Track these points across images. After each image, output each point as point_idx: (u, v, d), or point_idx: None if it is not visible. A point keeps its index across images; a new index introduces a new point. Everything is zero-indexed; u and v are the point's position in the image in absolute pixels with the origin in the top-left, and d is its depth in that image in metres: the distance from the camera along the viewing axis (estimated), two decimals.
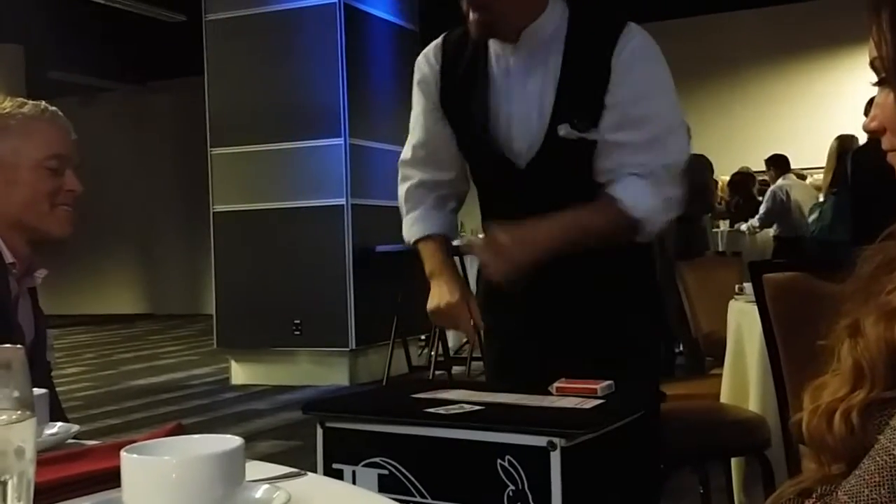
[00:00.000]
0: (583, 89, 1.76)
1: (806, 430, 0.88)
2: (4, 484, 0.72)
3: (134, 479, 0.77)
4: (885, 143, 0.90)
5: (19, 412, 0.74)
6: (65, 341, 10.58)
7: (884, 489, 0.75)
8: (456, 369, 6.19)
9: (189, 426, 4.89)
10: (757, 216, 7.93)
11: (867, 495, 0.76)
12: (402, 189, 2.02)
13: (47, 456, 0.98)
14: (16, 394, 0.74)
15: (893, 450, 0.75)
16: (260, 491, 0.84)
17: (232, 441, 0.81)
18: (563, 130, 1.75)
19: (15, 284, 1.65)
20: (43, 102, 1.74)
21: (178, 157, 13.88)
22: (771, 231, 7.75)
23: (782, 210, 7.56)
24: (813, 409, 0.87)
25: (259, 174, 6.90)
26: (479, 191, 2.00)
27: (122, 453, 0.78)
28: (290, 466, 1.03)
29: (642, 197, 1.74)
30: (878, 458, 0.76)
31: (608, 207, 1.75)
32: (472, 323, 1.87)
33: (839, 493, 0.79)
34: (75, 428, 1.20)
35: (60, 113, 1.75)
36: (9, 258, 1.63)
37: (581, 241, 1.74)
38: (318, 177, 6.73)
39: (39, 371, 1.17)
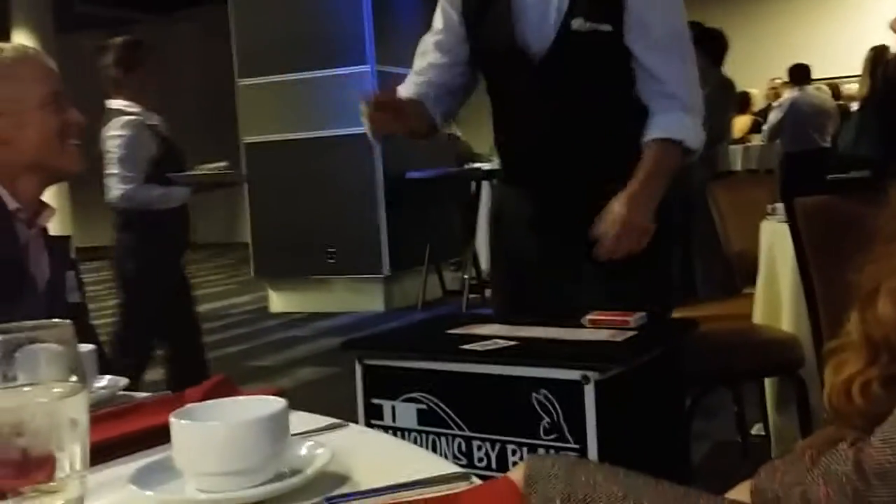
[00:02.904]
0: None
1: (828, 403, 0.89)
2: (61, 453, 0.75)
3: (183, 444, 0.81)
4: None
5: (71, 384, 0.77)
6: (107, 273, 10.75)
7: None
8: (489, 292, 6.23)
9: (232, 354, 4.99)
10: (765, 127, 7.76)
11: None
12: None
13: (99, 413, 1.02)
14: (67, 366, 0.77)
15: None
16: (304, 448, 0.88)
17: (276, 403, 0.84)
18: (577, 23, 1.79)
19: (24, 229, 1.65)
20: (20, 43, 1.74)
21: (204, 88, 13.84)
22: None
23: (794, 122, 7.39)
24: (832, 383, 0.88)
25: (287, 104, 6.88)
26: (493, 102, 2.02)
27: (171, 419, 0.82)
28: (330, 394, 1.06)
29: (689, 129, 1.84)
30: None
31: (666, 150, 1.83)
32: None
33: (873, 438, 0.80)
34: (123, 381, 1.24)
35: (39, 50, 1.75)
36: (12, 205, 1.63)
37: (664, 188, 1.82)
38: (346, 105, 6.68)
39: (61, 312, 1.16)
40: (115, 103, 3.57)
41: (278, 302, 7.17)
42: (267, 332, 6.40)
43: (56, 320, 0.79)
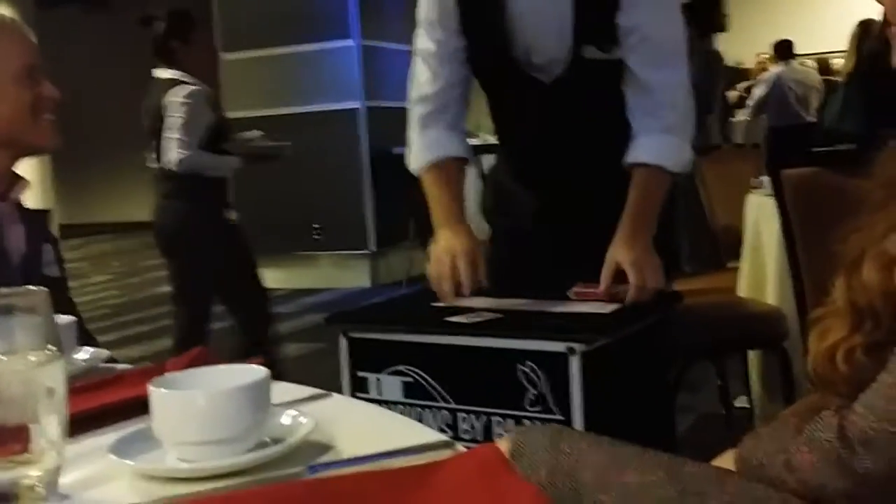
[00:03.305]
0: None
1: (812, 370, 0.89)
2: (37, 422, 0.74)
3: (163, 413, 0.80)
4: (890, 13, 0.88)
5: (47, 352, 0.76)
6: (89, 249, 10.71)
7: None
8: None
9: (217, 330, 5.00)
10: (750, 102, 7.76)
11: (883, 407, 0.77)
12: (415, 113, 1.91)
13: (78, 385, 1.01)
14: (43, 335, 0.76)
15: None
16: (286, 417, 0.87)
17: (258, 371, 0.83)
18: (589, 52, 1.74)
19: None
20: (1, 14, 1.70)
21: None
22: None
23: (778, 98, 7.39)
24: (817, 350, 0.87)
25: (272, 79, 6.83)
26: (497, 116, 1.96)
27: (150, 388, 0.81)
28: (316, 369, 1.06)
29: (674, 151, 1.77)
30: (895, 372, 0.77)
31: (654, 177, 1.76)
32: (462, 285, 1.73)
33: (856, 405, 0.80)
34: (104, 353, 1.23)
35: (18, 20, 1.71)
36: None
37: (656, 218, 1.76)
38: (331, 80, 6.66)
39: (37, 285, 1.15)
40: (168, 73, 3.66)
41: (263, 278, 7.15)
42: None
43: (30, 287, 0.77)
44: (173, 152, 3.59)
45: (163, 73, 3.69)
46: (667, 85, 1.77)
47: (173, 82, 3.64)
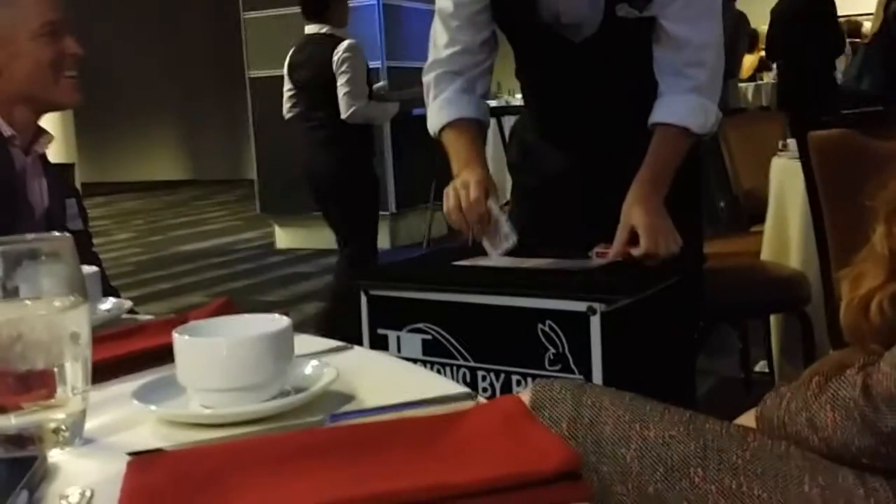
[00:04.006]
0: None
1: (844, 319, 0.88)
2: (62, 366, 0.75)
3: (186, 360, 0.80)
4: None
5: (72, 298, 0.76)
6: (113, 208, 10.76)
7: None
8: None
9: (238, 289, 5.02)
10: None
11: None
12: (429, 76, 1.91)
13: (102, 334, 1.02)
14: (68, 280, 0.76)
15: None
16: (309, 367, 0.87)
17: (280, 321, 0.83)
18: (622, 10, 1.71)
19: (21, 155, 1.63)
20: None
21: (210, 20, 13.68)
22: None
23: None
24: (850, 298, 0.86)
25: (294, 37, 6.79)
26: (522, 72, 1.93)
27: (174, 334, 0.81)
28: (336, 330, 1.06)
29: (699, 113, 1.74)
30: None
31: (674, 137, 1.73)
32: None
33: (881, 363, 0.79)
34: (128, 304, 1.23)
35: None
36: (7, 131, 1.60)
37: (671, 177, 1.73)
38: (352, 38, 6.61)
39: None
40: (323, 28, 4.05)
41: (284, 238, 7.18)
42: (273, 267, 6.42)
43: (55, 233, 0.77)
44: (348, 105, 3.93)
45: (318, 29, 4.03)
46: (700, 42, 1.74)
47: (331, 38, 3.98)
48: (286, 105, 4.34)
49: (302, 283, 5.74)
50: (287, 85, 4.32)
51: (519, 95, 3.99)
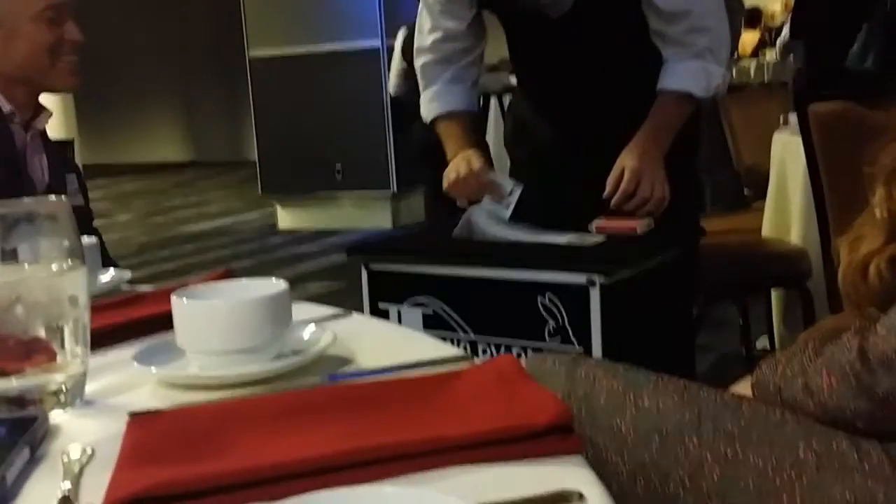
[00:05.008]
0: None
1: (842, 281, 0.88)
2: (61, 330, 0.75)
3: (184, 322, 0.81)
4: None
5: (70, 261, 0.76)
6: (114, 189, 10.75)
7: None
8: None
9: (240, 270, 5.03)
10: (779, 42, 7.60)
11: None
12: (417, 63, 1.95)
13: (102, 302, 1.02)
14: (65, 244, 0.76)
15: None
16: (307, 331, 0.88)
17: (278, 285, 0.84)
18: None
19: (21, 132, 1.63)
20: None
21: (210, 1, 13.62)
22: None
23: None
24: (849, 261, 0.86)
25: (295, 15, 6.77)
26: (511, 50, 1.95)
27: (173, 297, 0.81)
28: (338, 307, 1.06)
29: (702, 77, 1.75)
30: None
31: (676, 102, 1.76)
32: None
33: (877, 326, 0.79)
34: (127, 274, 1.24)
35: None
36: (7, 107, 1.60)
37: (671, 138, 1.76)
38: (355, 17, 6.59)
39: None
40: None
41: (286, 218, 7.18)
42: (275, 248, 6.42)
43: (52, 198, 0.78)
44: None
45: None
46: (701, 10, 1.75)
47: None
48: (393, 81, 4.83)
49: (304, 263, 5.74)
50: (401, 64, 4.81)
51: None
